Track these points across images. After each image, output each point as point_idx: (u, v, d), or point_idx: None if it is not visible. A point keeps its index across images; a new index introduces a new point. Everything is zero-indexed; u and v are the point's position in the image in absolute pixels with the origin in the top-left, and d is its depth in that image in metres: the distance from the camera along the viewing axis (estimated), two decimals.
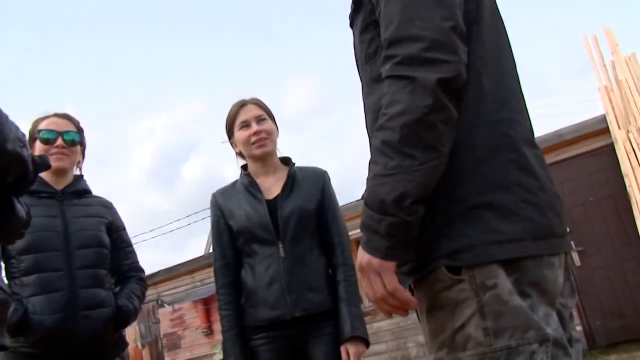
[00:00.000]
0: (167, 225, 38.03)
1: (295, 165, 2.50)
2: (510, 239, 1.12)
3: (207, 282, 11.02)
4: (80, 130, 2.46)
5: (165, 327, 11.32)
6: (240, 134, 2.43)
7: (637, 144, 6.85)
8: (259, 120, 2.43)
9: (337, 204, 2.48)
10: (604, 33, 8.23)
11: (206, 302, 10.79)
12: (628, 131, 7.04)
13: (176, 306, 11.20)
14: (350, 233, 2.86)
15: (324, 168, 2.55)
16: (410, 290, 1.26)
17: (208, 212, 14.18)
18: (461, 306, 1.12)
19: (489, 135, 1.17)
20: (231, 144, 2.53)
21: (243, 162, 2.55)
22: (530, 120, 1.29)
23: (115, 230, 2.48)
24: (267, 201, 2.36)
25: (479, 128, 1.17)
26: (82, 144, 2.47)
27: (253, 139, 2.40)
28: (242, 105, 2.47)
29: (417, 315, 1.29)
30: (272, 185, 2.42)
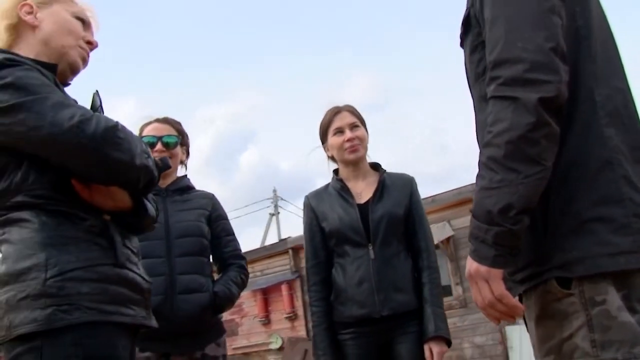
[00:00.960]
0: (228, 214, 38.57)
1: (385, 171, 2.62)
2: (621, 251, 1.15)
3: (266, 272, 11.29)
4: (180, 132, 2.68)
5: (223, 314, 11.59)
6: (334, 140, 2.56)
7: None
8: (353, 127, 2.55)
9: (424, 209, 2.60)
10: None
11: (265, 292, 11.07)
12: None
13: None
14: None
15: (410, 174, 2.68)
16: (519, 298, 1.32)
17: (265, 203, 14.40)
18: (570, 318, 1.18)
19: (601, 149, 1.21)
20: (324, 147, 2.67)
21: (334, 166, 2.69)
22: (639, 130, 1.32)
23: (216, 220, 2.65)
24: (359, 205, 2.50)
25: (591, 143, 1.22)
26: (183, 144, 2.70)
27: (347, 145, 2.52)
28: (336, 112, 2.59)
29: (525, 321, 1.35)
30: (362, 190, 2.55)
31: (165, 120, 2.67)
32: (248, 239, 45.90)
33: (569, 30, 1.25)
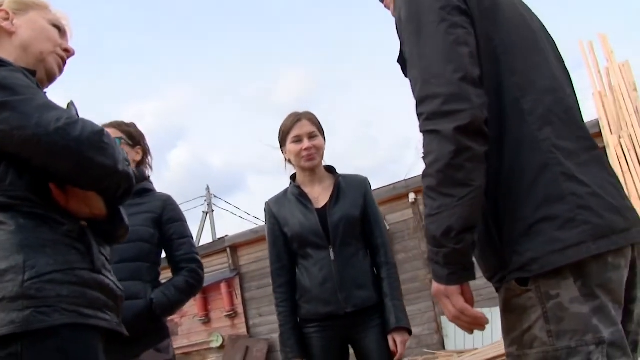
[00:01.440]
0: None
1: (340, 174, 2.78)
2: (570, 244, 1.24)
3: (205, 271, 11.17)
4: (127, 133, 2.60)
5: None
6: (292, 147, 2.69)
7: (628, 149, 7.14)
8: (311, 136, 2.68)
9: (378, 208, 2.77)
10: (599, 39, 8.47)
11: (204, 291, 10.99)
12: (620, 137, 7.31)
13: None
14: None
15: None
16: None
17: (198, 202, 14.27)
18: (529, 311, 1.28)
19: (535, 153, 1.30)
20: (282, 151, 2.80)
21: (291, 168, 2.82)
22: (579, 118, 1.40)
23: (167, 222, 2.59)
24: (317, 210, 2.65)
25: (525, 150, 1.31)
26: (136, 144, 2.61)
27: (304, 153, 2.66)
28: (297, 120, 2.72)
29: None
30: (319, 195, 2.71)
31: (111, 124, 2.60)
32: None
33: (486, 51, 1.36)
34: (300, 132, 2.68)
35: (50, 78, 1.63)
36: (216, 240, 12.22)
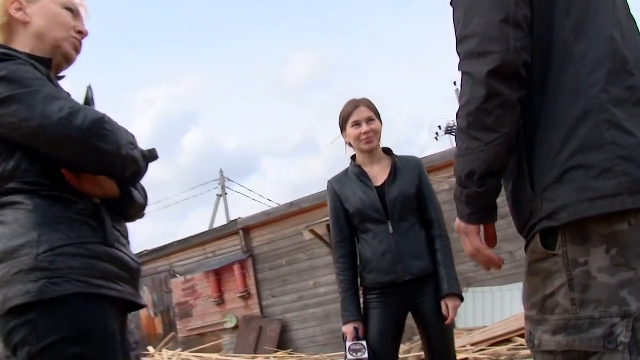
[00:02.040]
0: (172, 197, 38.17)
1: (396, 155, 3.04)
2: (604, 194, 1.17)
3: (218, 253, 11.38)
4: None
5: (177, 296, 11.68)
6: (351, 131, 2.96)
7: None
8: (368, 120, 2.94)
9: (431, 186, 3.03)
10: None
11: (217, 273, 11.15)
12: None
13: (188, 276, 11.55)
14: None
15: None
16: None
17: (212, 184, 14.36)
18: (553, 277, 1.25)
19: (580, 99, 1.24)
20: (342, 135, 3.07)
21: (351, 151, 3.08)
22: (636, 73, 1.29)
23: None
24: (376, 187, 2.93)
25: (570, 94, 1.25)
26: None
27: (363, 137, 2.93)
28: (355, 106, 2.98)
29: None
30: (378, 174, 2.97)
31: None
32: (196, 221, 45.55)
33: None
34: (359, 117, 2.94)
35: (69, 61, 1.70)
36: (228, 223, 12.34)
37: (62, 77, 1.72)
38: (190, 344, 10.66)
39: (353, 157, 3.07)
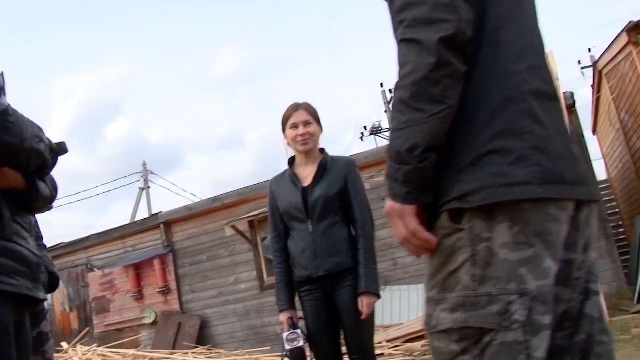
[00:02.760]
0: (93, 188, 37.02)
1: (329, 156, 3.22)
2: (518, 182, 1.18)
3: (138, 247, 11.18)
4: None
5: (94, 291, 11.41)
6: (290, 132, 3.17)
7: None
8: (306, 124, 3.14)
9: (361, 187, 3.20)
10: None
11: (137, 268, 10.96)
12: None
13: (106, 270, 11.30)
14: None
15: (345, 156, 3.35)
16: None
17: (135, 178, 14.13)
18: (457, 253, 1.22)
19: (504, 86, 1.24)
20: (284, 136, 3.25)
21: (292, 152, 3.27)
22: (548, 73, 1.35)
23: None
24: (303, 188, 3.14)
25: (494, 80, 1.25)
26: None
27: (299, 138, 3.13)
28: (295, 109, 3.19)
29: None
30: (309, 174, 3.17)
31: None
32: (118, 214, 44.40)
33: None
34: (297, 120, 3.14)
35: None
36: (150, 217, 12.14)
37: None
38: (107, 339, 10.45)
39: (291, 159, 3.27)
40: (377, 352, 6.18)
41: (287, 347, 3.05)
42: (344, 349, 3.15)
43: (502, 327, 1.16)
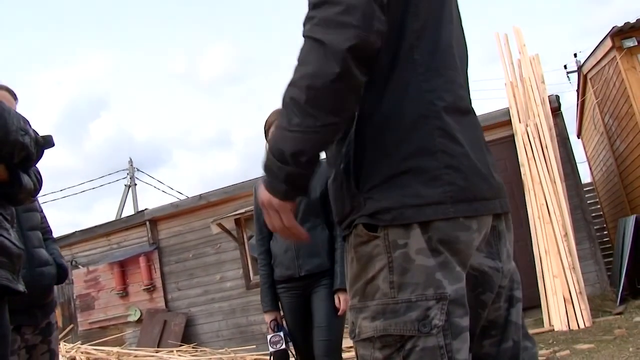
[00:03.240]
0: (78, 185, 36.75)
1: None
2: (429, 202, 1.18)
3: (123, 244, 11.13)
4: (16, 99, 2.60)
5: (78, 288, 11.33)
6: None
7: (533, 137, 7.60)
8: None
9: None
10: (514, 32, 8.89)
11: (122, 265, 10.90)
12: (527, 125, 7.78)
13: (91, 267, 11.24)
14: None
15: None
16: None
17: (121, 175, 14.06)
18: (374, 260, 1.22)
19: (417, 104, 1.22)
20: (266, 141, 3.26)
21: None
22: (467, 87, 1.36)
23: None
24: None
25: (408, 98, 1.23)
26: None
27: None
28: (277, 117, 3.06)
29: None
30: None
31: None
32: (103, 211, 44.11)
33: None
34: None
35: None
36: (135, 214, 12.09)
37: None
38: (92, 337, 10.38)
39: None
40: (344, 355, 6.22)
41: (271, 349, 3.20)
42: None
43: (422, 333, 1.17)
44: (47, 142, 1.63)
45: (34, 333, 2.52)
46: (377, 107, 1.24)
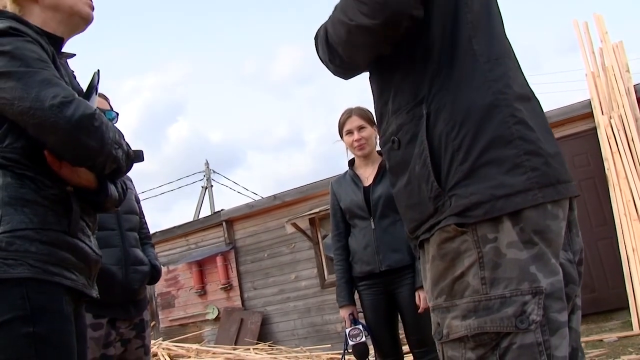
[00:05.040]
0: (157, 187, 38.05)
1: None
2: (518, 190, 1.16)
3: (201, 244, 11.38)
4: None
5: (160, 286, 11.67)
6: (346, 139, 3.35)
7: (618, 130, 7.23)
8: (360, 129, 3.29)
9: None
10: (594, 20, 8.50)
11: (200, 264, 11.16)
12: (610, 117, 7.40)
13: (171, 267, 11.55)
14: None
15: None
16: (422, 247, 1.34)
17: (198, 177, 14.39)
18: (462, 256, 1.19)
19: (486, 94, 1.22)
20: (343, 141, 3.42)
21: (352, 154, 3.44)
22: (523, 75, 1.36)
23: (138, 201, 2.96)
24: (364, 187, 3.29)
25: (475, 89, 1.23)
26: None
27: (355, 144, 3.29)
28: (348, 115, 3.34)
29: (423, 269, 1.36)
30: (369, 175, 3.33)
31: (102, 95, 2.75)
32: (181, 212, 45.48)
33: None
34: (351, 127, 3.30)
35: (87, 21, 1.73)
36: (212, 214, 12.34)
37: (73, 55, 1.74)
38: (172, 334, 10.66)
39: (351, 161, 3.45)
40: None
41: (350, 342, 3.14)
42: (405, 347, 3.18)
43: (520, 329, 1.13)
44: (137, 156, 1.68)
45: (128, 328, 2.64)
46: (444, 103, 1.24)
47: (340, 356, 3.33)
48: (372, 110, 1.46)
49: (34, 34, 1.55)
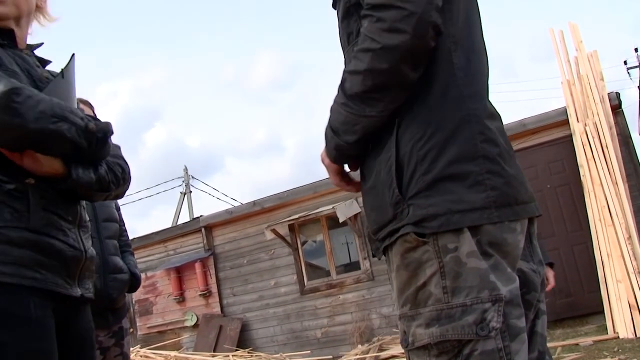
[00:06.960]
0: (135, 193, 37.67)
1: None
2: (474, 207, 1.18)
3: (180, 251, 11.32)
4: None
5: (137, 293, 11.56)
6: None
7: (593, 137, 7.36)
8: None
9: None
10: (570, 29, 8.64)
11: (179, 271, 11.09)
12: (585, 124, 7.53)
13: (149, 273, 11.46)
14: (321, 209, 3.21)
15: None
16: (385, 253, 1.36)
17: (177, 182, 14.30)
18: (424, 266, 1.21)
19: (459, 109, 1.24)
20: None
21: None
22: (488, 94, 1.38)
23: (118, 208, 2.94)
24: None
25: (449, 103, 1.24)
26: None
27: None
28: None
29: (389, 277, 1.36)
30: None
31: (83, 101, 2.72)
32: (159, 218, 45.14)
33: None
34: None
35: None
36: (191, 220, 12.28)
37: (40, 44, 1.70)
38: (150, 341, 10.60)
39: None
40: None
41: None
42: None
43: (480, 337, 1.16)
44: (100, 129, 1.51)
45: (107, 336, 2.64)
46: (418, 113, 1.25)
47: None
48: None
49: None
